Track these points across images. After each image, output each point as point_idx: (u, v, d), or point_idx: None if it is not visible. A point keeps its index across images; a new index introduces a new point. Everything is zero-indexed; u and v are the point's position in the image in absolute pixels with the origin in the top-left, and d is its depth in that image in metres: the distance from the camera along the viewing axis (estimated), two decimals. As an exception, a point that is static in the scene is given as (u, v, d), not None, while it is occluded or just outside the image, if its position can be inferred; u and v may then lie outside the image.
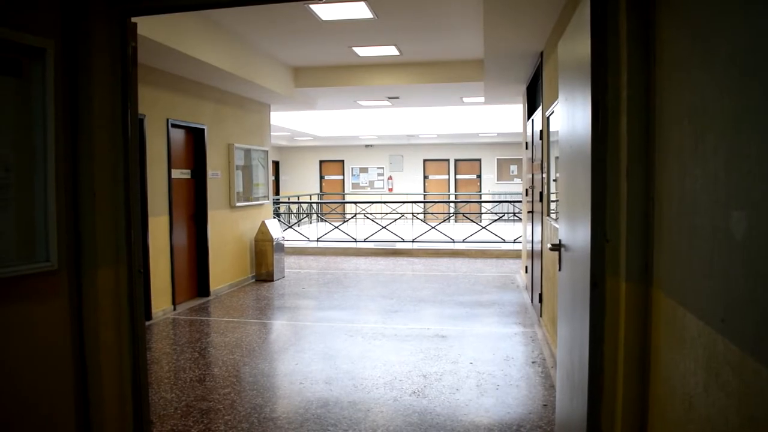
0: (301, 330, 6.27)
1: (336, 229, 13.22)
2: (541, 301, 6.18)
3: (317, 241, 13.02)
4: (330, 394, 4.31)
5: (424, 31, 7.23)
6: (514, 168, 22.20)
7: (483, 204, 19.73)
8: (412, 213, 14.62)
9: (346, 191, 23.05)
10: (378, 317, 6.72)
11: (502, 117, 15.95)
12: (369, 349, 5.46)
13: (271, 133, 10.75)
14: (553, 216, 5.31)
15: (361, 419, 3.86)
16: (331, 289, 8.61)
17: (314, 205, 18.84)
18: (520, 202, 11.81)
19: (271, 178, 10.11)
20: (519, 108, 10.92)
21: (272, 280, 9.05)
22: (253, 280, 9.15)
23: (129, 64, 2.96)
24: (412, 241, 12.50)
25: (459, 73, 9.00)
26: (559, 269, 3.28)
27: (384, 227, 12.85)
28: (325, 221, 14.91)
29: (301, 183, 23.23)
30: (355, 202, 16.34)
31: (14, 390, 2.56)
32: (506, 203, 16.93)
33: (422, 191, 22.37)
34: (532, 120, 7.27)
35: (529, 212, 7.68)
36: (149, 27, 5.15)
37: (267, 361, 5.18)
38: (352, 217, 14.21)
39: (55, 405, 2.76)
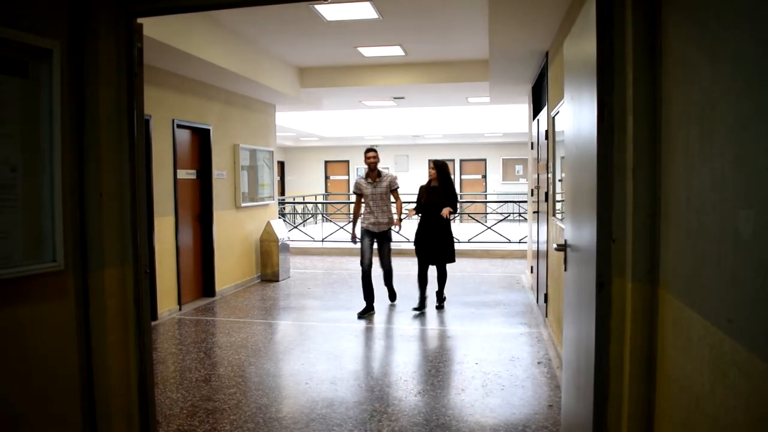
0: (307, 330, 6.28)
1: (341, 229, 13.22)
2: (546, 301, 6.17)
3: (322, 241, 13.03)
4: (335, 395, 4.31)
5: (429, 31, 7.22)
6: (519, 168, 22.17)
7: (488, 204, 19.71)
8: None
9: (351, 191, 23.07)
10: (383, 317, 6.72)
11: (508, 117, 15.93)
12: (374, 349, 5.46)
13: (277, 134, 10.76)
14: (559, 216, 5.29)
15: (367, 419, 3.86)
16: (336, 289, 8.61)
17: (319, 206, 18.86)
18: (526, 202, 11.78)
19: (277, 178, 10.13)
20: (524, 108, 10.90)
21: (277, 281, 9.06)
22: (259, 280, 9.16)
23: (135, 64, 2.97)
24: (418, 242, 12.46)
25: (464, 73, 8.99)
26: (565, 269, 3.27)
27: (389, 227, 12.83)
28: (331, 221, 14.92)
29: (307, 183, 23.27)
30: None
31: (21, 389, 2.57)
32: (512, 203, 16.92)
33: (427, 191, 22.33)
34: (538, 120, 7.26)
35: (534, 212, 7.66)
36: (155, 28, 5.16)
37: (272, 361, 5.18)
38: (357, 218, 14.19)
39: (61, 404, 2.77)
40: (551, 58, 5.89)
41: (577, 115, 2.90)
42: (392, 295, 7.36)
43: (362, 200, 6.85)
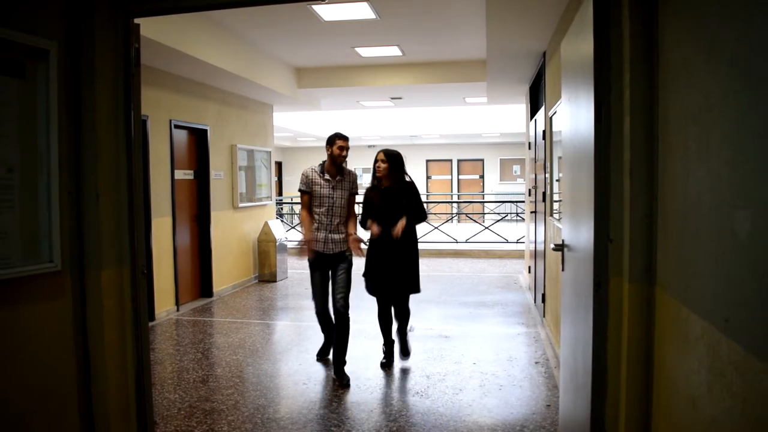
0: (305, 330, 6.28)
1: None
2: (544, 301, 6.17)
3: (320, 241, 13.00)
4: (333, 395, 4.31)
5: (427, 32, 7.23)
6: (516, 168, 22.19)
7: (486, 204, 19.73)
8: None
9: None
10: (381, 317, 6.71)
11: (505, 117, 15.94)
12: (372, 349, 5.45)
13: (274, 134, 10.74)
14: (556, 216, 5.30)
15: (365, 420, 3.86)
16: (334, 289, 8.59)
17: (317, 206, 18.79)
18: (523, 202, 11.79)
19: (274, 178, 10.12)
20: (522, 108, 10.91)
21: (275, 281, 9.05)
22: (256, 280, 9.15)
23: (132, 65, 2.97)
24: (415, 242, 12.47)
25: (461, 73, 9.00)
26: (563, 269, 3.28)
27: (387, 227, 12.83)
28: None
29: (305, 184, 23.20)
30: (357, 203, 16.33)
31: (19, 390, 2.57)
32: (509, 203, 16.94)
33: (425, 191, 22.36)
34: (535, 120, 7.26)
35: (532, 212, 7.67)
36: (152, 28, 5.16)
37: (270, 361, 5.18)
38: (354, 218, 14.18)
39: (59, 405, 2.76)
40: (549, 59, 5.89)
41: (574, 116, 2.91)
42: (339, 364, 4.53)
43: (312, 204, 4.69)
